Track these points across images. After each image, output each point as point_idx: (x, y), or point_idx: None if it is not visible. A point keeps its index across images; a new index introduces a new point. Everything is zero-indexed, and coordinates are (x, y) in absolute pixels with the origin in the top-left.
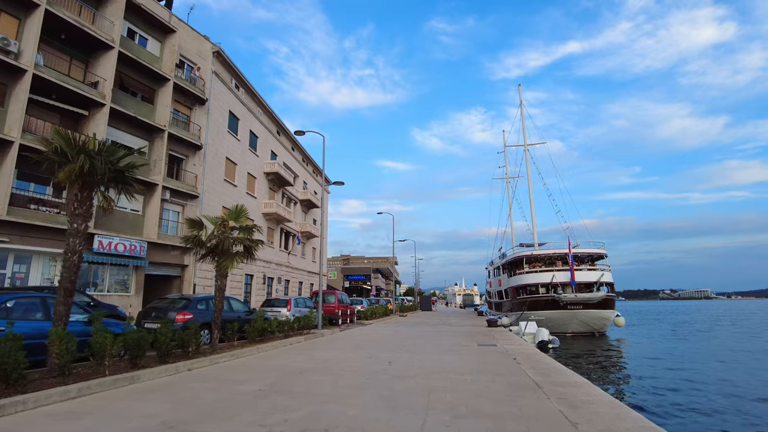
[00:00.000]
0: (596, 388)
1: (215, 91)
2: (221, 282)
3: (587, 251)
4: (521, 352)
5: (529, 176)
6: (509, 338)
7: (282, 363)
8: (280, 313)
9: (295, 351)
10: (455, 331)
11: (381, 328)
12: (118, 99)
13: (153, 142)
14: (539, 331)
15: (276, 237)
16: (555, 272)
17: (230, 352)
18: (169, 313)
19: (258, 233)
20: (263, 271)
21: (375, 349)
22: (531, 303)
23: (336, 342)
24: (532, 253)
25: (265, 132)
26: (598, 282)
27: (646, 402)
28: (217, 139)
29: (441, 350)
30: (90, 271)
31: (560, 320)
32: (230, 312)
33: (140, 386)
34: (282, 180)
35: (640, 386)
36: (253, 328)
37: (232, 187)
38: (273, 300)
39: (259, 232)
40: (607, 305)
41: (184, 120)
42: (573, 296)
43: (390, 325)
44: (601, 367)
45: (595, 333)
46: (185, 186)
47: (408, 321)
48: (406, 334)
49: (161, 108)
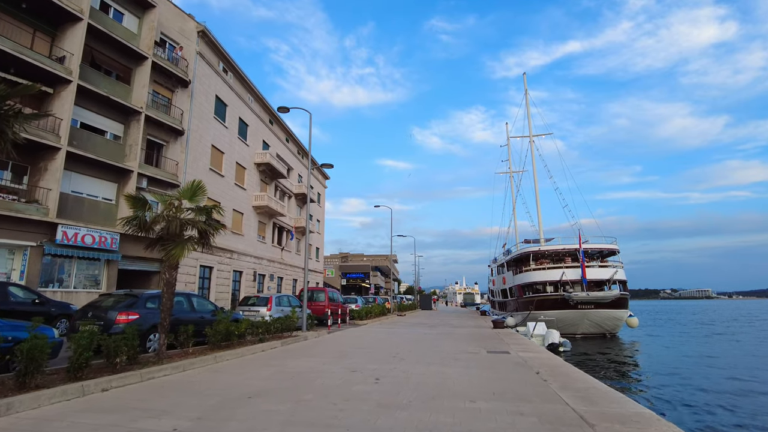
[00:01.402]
0: (673, 426)
1: (200, 74)
2: (170, 275)
3: (599, 246)
4: (543, 363)
5: (534, 169)
6: (521, 342)
7: (236, 380)
8: (259, 312)
9: (263, 361)
10: (458, 333)
11: (375, 330)
12: (88, 77)
13: (129, 126)
14: (549, 333)
15: (268, 232)
16: (564, 269)
17: (177, 363)
18: (110, 312)
19: (218, 214)
20: (254, 267)
21: (363, 357)
22: (538, 302)
23: (318, 348)
24: (540, 249)
25: (256, 120)
26: (611, 279)
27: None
28: (201, 125)
29: (443, 360)
30: (55, 265)
31: (570, 321)
32: (191, 312)
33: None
34: (275, 172)
35: (702, 407)
36: (214, 332)
37: (219, 177)
38: (251, 298)
39: (219, 213)
40: (621, 304)
41: (164, 103)
42: (585, 295)
43: (386, 326)
44: (634, 379)
45: (607, 334)
46: (165, 174)
47: (406, 321)
48: (403, 336)
49: (138, 89)
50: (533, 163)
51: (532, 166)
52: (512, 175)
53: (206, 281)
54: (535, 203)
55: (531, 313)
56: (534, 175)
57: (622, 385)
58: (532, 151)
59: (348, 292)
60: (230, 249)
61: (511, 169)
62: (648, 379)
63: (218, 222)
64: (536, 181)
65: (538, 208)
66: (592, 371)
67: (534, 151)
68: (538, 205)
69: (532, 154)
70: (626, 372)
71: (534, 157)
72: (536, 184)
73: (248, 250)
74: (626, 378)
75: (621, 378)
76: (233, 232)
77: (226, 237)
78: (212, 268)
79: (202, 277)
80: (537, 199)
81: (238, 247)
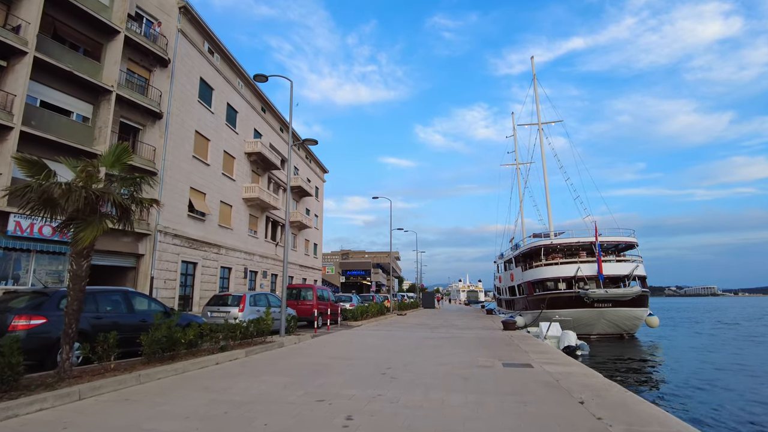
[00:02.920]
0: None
1: (182, 53)
2: (77, 265)
3: (615, 239)
4: (583, 384)
5: (543, 157)
6: (542, 349)
7: (135, 418)
8: (229, 314)
9: (204, 381)
10: (465, 336)
11: (369, 333)
12: (49, 49)
13: (98, 106)
14: (565, 335)
15: (261, 226)
16: (579, 264)
17: (73, 388)
18: (7, 315)
19: (148, 185)
20: (244, 263)
21: (342, 375)
22: (550, 300)
23: (291, 359)
24: (552, 243)
25: (246, 107)
26: (631, 275)
27: None
28: (184, 109)
29: (448, 379)
30: (9, 260)
31: (585, 320)
32: (128, 315)
33: None
34: (267, 162)
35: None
36: (150, 341)
37: (204, 165)
38: (222, 297)
39: (150, 185)
40: (641, 303)
41: (141, 83)
42: (603, 292)
43: (382, 327)
44: (671, 394)
45: (625, 335)
46: (140, 160)
47: (406, 321)
48: (400, 342)
49: (109, 66)
50: (542, 152)
51: (541, 154)
52: (518, 167)
53: (189, 278)
54: (544, 197)
55: (543, 312)
56: (543, 163)
57: (660, 401)
58: (540, 139)
59: (349, 289)
60: (217, 243)
61: (518, 161)
62: (687, 395)
63: (148, 199)
64: (545, 169)
65: (547, 197)
66: (624, 384)
67: (543, 139)
68: (547, 194)
69: (540, 142)
70: (656, 381)
71: (543, 145)
72: (545, 172)
73: (238, 245)
74: (656, 388)
75: (652, 388)
76: (221, 226)
77: (213, 230)
78: (196, 264)
79: (184, 274)
80: (546, 188)
81: (226, 242)
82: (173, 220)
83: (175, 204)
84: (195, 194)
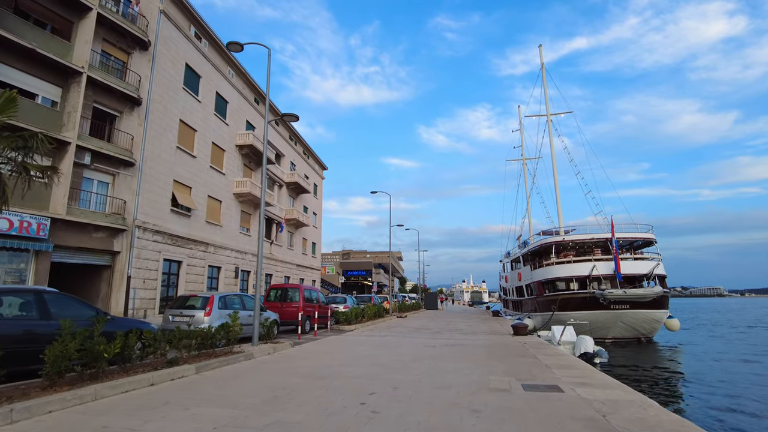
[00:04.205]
0: None
1: (165, 36)
2: None
3: (633, 236)
4: (642, 422)
5: (552, 150)
6: (567, 362)
7: None
8: (193, 318)
9: (101, 420)
10: (471, 343)
11: (360, 340)
12: (9, 25)
13: (68, 89)
14: (581, 340)
15: (254, 224)
16: (595, 262)
17: None
18: None
19: (42, 145)
20: (235, 262)
21: (303, 406)
22: (562, 301)
23: (248, 378)
24: (564, 239)
25: (238, 98)
26: (651, 274)
27: None
28: (167, 96)
29: (451, 414)
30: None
31: (600, 323)
32: (41, 322)
33: None
34: (260, 156)
35: None
36: (55, 357)
37: (189, 157)
38: (187, 299)
39: (43, 144)
40: (661, 304)
41: (118, 67)
42: (621, 292)
43: (377, 332)
44: (711, 417)
45: (642, 339)
46: (116, 149)
47: (406, 325)
48: (394, 352)
49: (80, 45)
50: (551, 143)
51: (550, 145)
52: (525, 162)
53: (173, 278)
54: (552, 195)
55: (554, 314)
56: (552, 155)
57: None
58: (549, 131)
59: (349, 290)
60: (204, 241)
61: (524, 156)
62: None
63: (49, 167)
64: (554, 162)
65: (556, 190)
66: (652, 395)
67: (552, 131)
68: (556, 188)
69: (550, 133)
70: (685, 396)
71: (552, 137)
72: (554, 165)
73: (228, 243)
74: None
75: (688, 405)
76: (209, 222)
77: (200, 227)
78: (181, 263)
79: (167, 273)
80: (555, 181)
81: (214, 239)
82: (154, 214)
83: (156, 198)
84: (179, 187)
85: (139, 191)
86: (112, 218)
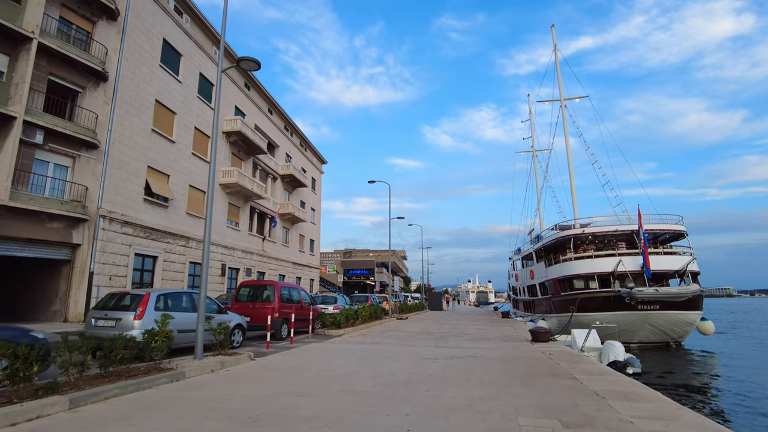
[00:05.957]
0: None
1: (138, 7)
2: None
3: (662, 227)
4: None
5: (566, 137)
6: (629, 389)
7: None
8: (121, 322)
9: None
10: (483, 355)
11: (345, 350)
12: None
13: (16, 58)
14: (609, 347)
15: (243, 217)
16: (621, 257)
17: None
18: None
19: None
20: (222, 258)
21: None
22: (582, 301)
23: (125, 425)
24: (585, 232)
25: (225, 81)
26: (685, 271)
27: None
28: (140, 72)
29: None
30: None
31: (626, 325)
32: None
33: None
34: (251, 145)
35: None
36: None
37: (167, 142)
38: (116, 297)
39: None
40: (695, 305)
41: (81, 37)
42: (653, 291)
43: (369, 339)
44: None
45: (671, 343)
46: (76, 129)
47: (405, 328)
48: (381, 370)
49: (32, 8)
50: (565, 130)
51: (564, 132)
52: (535, 154)
53: (147, 275)
54: (563, 192)
55: (573, 316)
56: (566, 142)
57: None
58: (563, 117)
59: (351, 290)
60: (184, 234)
61: (534, 148)
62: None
63: None
64: (569, 151)
65: (571, 178)
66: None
67: (566, 117)
68: (571, 175)
69: (564, 120)
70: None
71: (566, 123)
72: (569, 153)
73: (213, 238)
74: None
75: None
76: (190, 214)
77: (179, 219)
78: (156, 258)
79: (139, 270)
80: (570, 168)
81: (196, 233)
82: (123, 203)
83: (127, 185)
84: (155, 175)
85: (104, 177)
86: (69, 206)
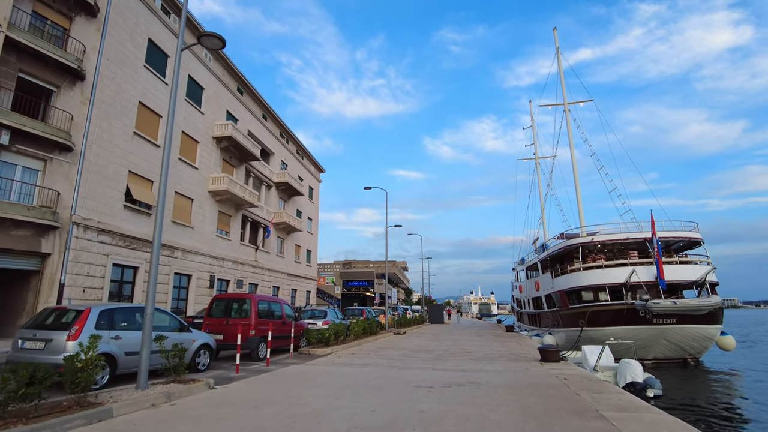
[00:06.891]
0: None
1: (120, 5)
2: None
3: (677, 235)
4: None
5: (571, 142)
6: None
7: None
8: (52, 343)
9: None
10: (486, 381)
11: (326, 374)
12: None
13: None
14: (625, 366)
15: (235, 226)
16: (634, 267)
17: None
18: None
19: None
20: (210, 270)
21: None
22: (593, 314)
23: None
24: (594, 240)
25: (216, 84)
26: (703, 282)
27: None
28: (122, 73)
29: None
30: None
31: (640, 341)
32: None
33: None
34: (243, 151)
35: None
36: None
37: (151, 146)
38: (52, 313)
39: None
40: (715, 319)
41: (57, 33)
42: (670, 303)
43: (358, 359)
44: None
45: (688, 359)
46: (47, 129)
47: (401, 345)
48: (360, 407)
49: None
50: (569, 134)
51: (569, 137)
52: (538, 161)
53: (127, 287)
54: (567, 203)
55: (583, 331)
56: (571, 146)
57: None
58: (567, 121)
59: (350, 302)
60: (169, 244)
61: (537, 155)
62: None
63: None
64: (573, 156)
65: (576, 184)
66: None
67: (570, 122)
68: (576, 181)
69: (568, 125)
70: None
71: (570, 128)
72: (573, 159)
73: (201, 248)
74: None
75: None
76: (176, 222)
77: (164, 227)
78: (137, 269)
79: (117, 281)
80: (575, 173)
81: (183, 243)
82: (100, 210)
83: (105, 190)
84: (137, 180)
85: (78, 181)
86: (37, 212)
